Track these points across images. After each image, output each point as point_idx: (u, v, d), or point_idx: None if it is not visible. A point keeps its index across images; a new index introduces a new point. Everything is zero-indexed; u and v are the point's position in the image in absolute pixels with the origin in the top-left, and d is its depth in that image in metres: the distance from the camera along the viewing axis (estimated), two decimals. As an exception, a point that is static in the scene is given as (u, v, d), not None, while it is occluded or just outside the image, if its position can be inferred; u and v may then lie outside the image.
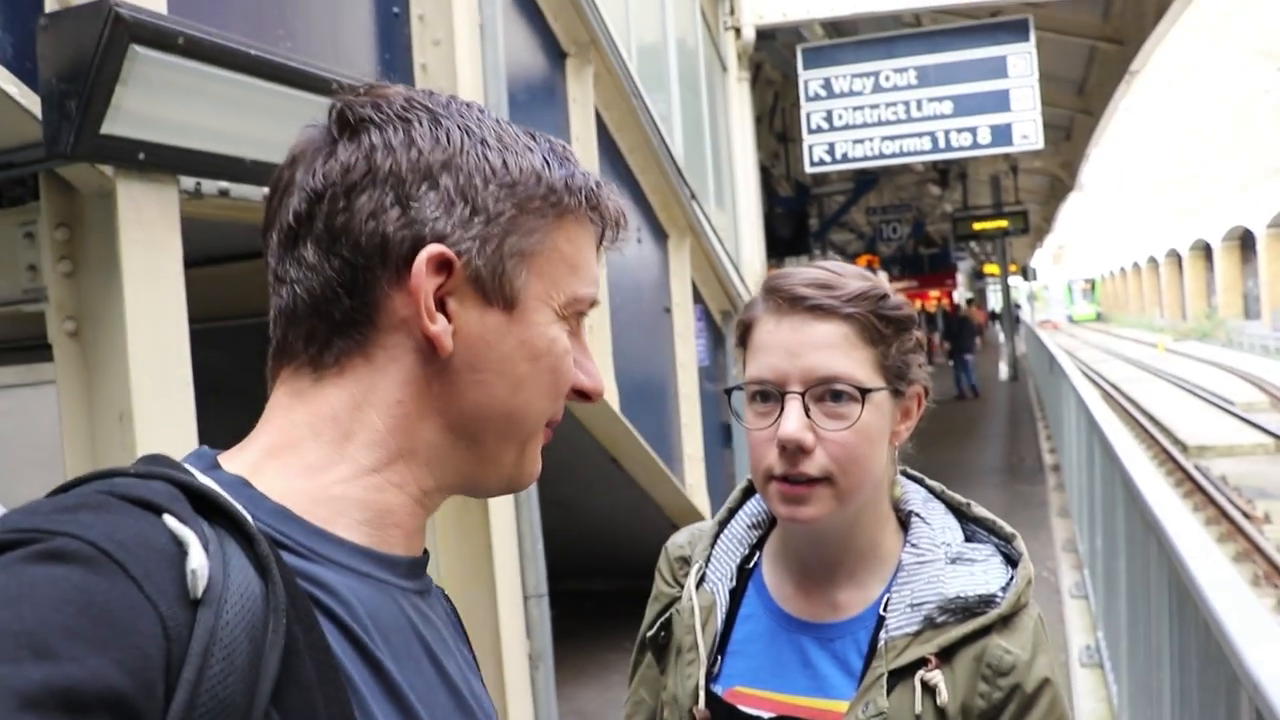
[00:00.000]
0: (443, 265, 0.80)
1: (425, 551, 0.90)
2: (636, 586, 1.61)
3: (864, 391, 1.30)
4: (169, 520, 0.65)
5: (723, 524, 1.55)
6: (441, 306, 0.81)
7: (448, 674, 0.84)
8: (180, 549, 0.64)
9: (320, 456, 0.81)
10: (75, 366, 2.25)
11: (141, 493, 0.66)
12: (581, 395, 0.91)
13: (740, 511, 1.55)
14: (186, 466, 0.74)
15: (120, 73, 2.04)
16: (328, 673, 0.69)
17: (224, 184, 2.50)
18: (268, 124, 2.54)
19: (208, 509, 0.69)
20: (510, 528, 3.98)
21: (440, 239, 0.80)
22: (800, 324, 1.32)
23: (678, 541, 1.57)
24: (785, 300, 1.34)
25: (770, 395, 1.33)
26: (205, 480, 0.72)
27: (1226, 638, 2.29)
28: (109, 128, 2.07)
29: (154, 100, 2.16)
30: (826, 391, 1.30)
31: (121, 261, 2.18)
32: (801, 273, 1.37)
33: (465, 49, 3.75)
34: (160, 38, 2.12)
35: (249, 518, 0.70)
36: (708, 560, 1.50)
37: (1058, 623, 6.72)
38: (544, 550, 4.30)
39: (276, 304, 0.84)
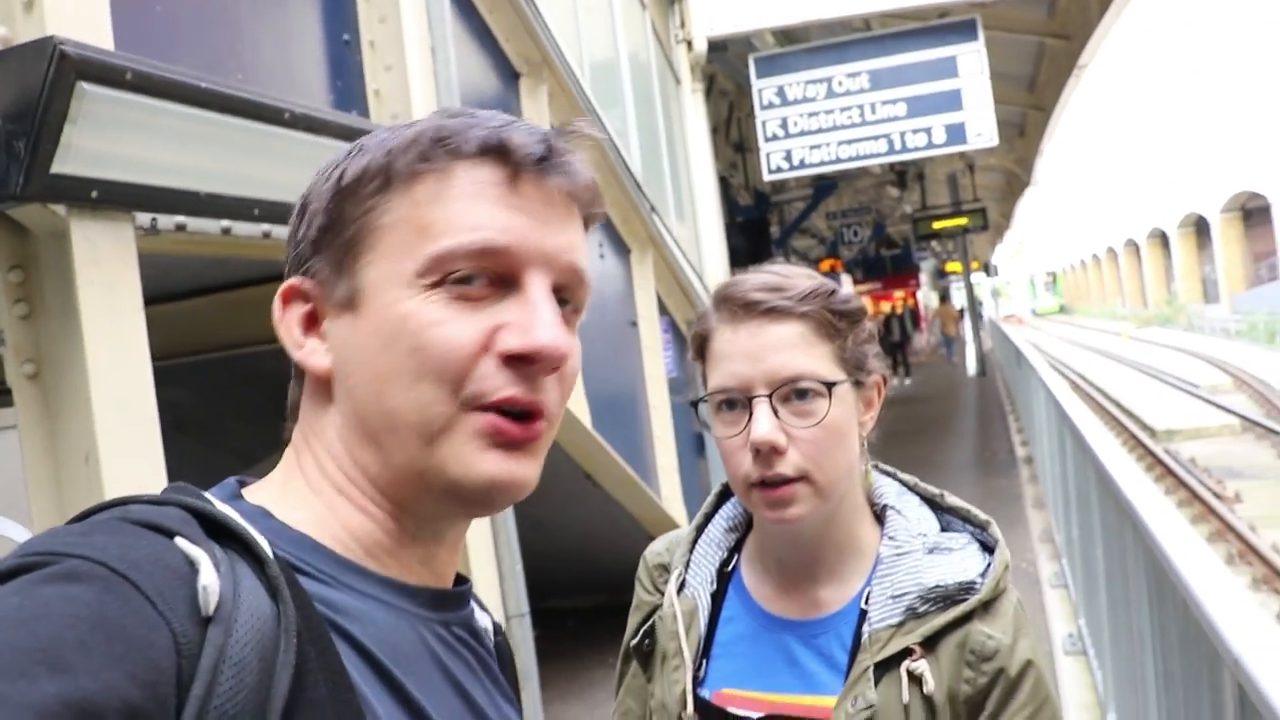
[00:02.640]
0: (299, 293, 0.85)
1: (463, 584, 0.90)
2: (617, 601, 1.61)
3: (829, 385, 1.32)
4: (180, 542, 0.67)
5: (700, 529, 1.55)
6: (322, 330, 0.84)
7: (474, 701, 0.84)
8: (192, 569, 0.65)
9: (305, 491, 0.83)
10: (37, 410, 2.22)
11: (154, 517, 0.68)
12: (519, 360, 0.79)
13: (717, 516, 1.56)
14: (205, 495, 0.76)
15: (68, 110, 2.02)
16: (342, 693, 0.69)
17: (181, 218, 2.47)
18: (222, 156, 2.53)
19: (220, 533, 0.70)
20: (489, 549, 3.97)
21: (304, 269, 0.85)
22: (757, 328, 1.34)
23: (655, 549, 1.58)
24: (739, 307, 1.36)
25: (737, 402, 1.35)
26: (222, 507, 0.73)
27: (1205, 616, 2.31)
28: (59, 167, 2.05)
29: (104, 137, 2.14)
30: (792, 391, 1.32)
31: (79, 302, 2.15)
32: (750, 279, 1.38)
33: (417, 73, 3.75)
34: (108, 74, 2.10)
35: (261, 541, 0.71)
36: (687, 565, 1.51)
37: (1038, 612, 6.76)
38: (524, 570, 4.28)
39: None
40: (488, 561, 3.93)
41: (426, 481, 0.79)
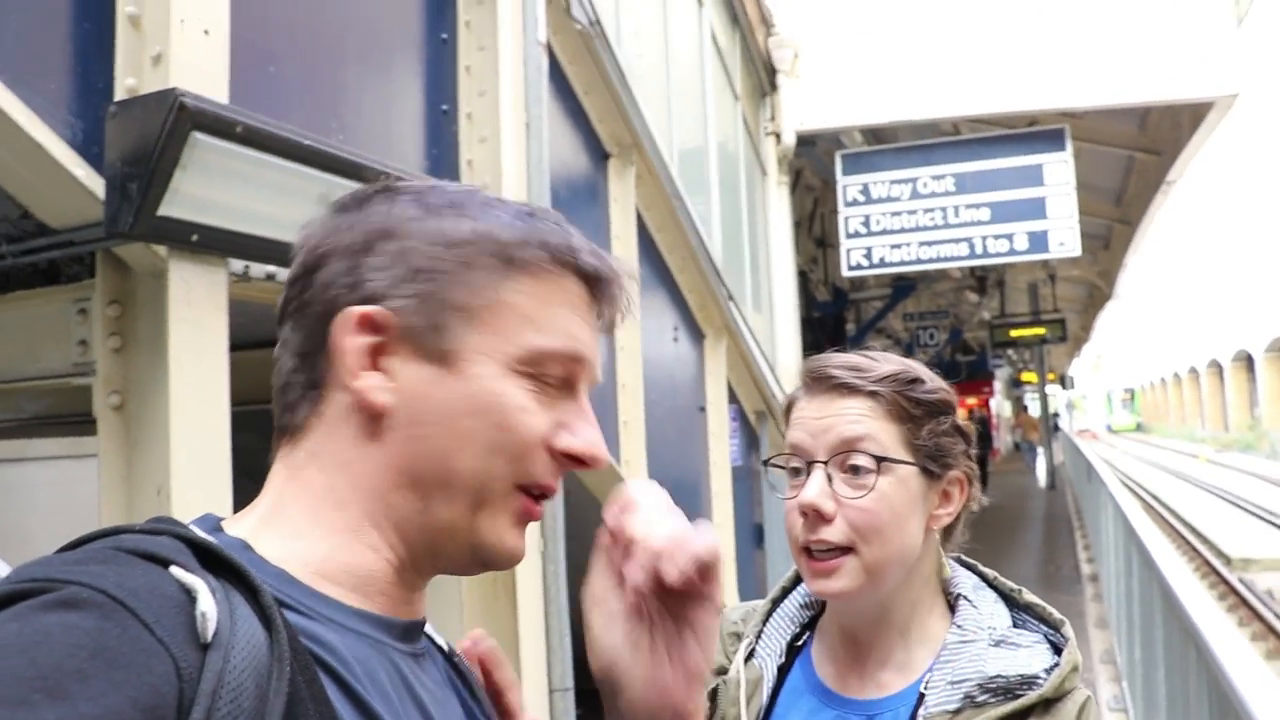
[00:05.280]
0: (373, 323, 0.84)
1: (422, 619, 0.92)
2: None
3: (879, 460, 1.34)
4: (176, 571, 0.68)
5: (775, 602, 1.57)
6: (383, 365, 0.85)
7: None
8: (189, 597, 0.66)
9: (303, 521, 0.83)
10: (117, 440, 2.30)
11: (148, 547, 0.69)
12: (573, 460, 0.88)
13: (794, 591, 1.58)
14: (190, 526, 0.77)
15: (180, 158, 2.13)
16: None
17: (271, 268, 2.57)
18: (317, 211, 2.62)
19: (212, 563, 0.71)
20: (539, 620, 3.97)
21: (375, 299, 0.84)
22: (828, 401, 1.39)
23: (731, 618, 1.60)
24: (817, 380, 1.41)
25: (800, 469, 1.39)
26: (209, 538, 0.74)
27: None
28: (166, 209, 2.15)
29: (210, 184, 2.24)
30: (849, 462, 1.35)
31: (169, 339, 2.24)
32: (838, 357, 1.44)
33: (510, 147, 3.86)
34: (220, 125, 2.21)
35: (253, 572, 0.72)
36: (758, 636, 1.53)
37: (1097, 737, 6.54)
38: (573, 647, 4.26)
39: (273, 384, 0.89)
40: (537, 631, 3.93)
41: (456, 539, 0.85)
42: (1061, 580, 12.57)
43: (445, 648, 0.97)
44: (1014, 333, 21.97)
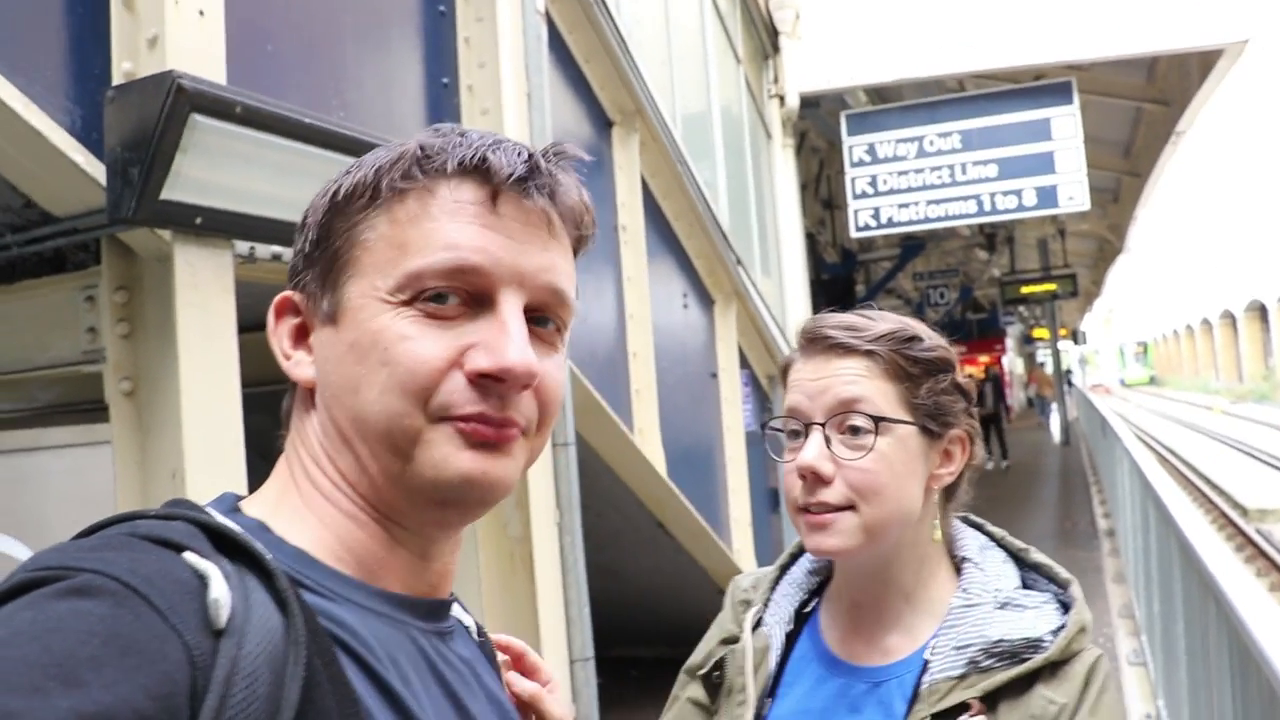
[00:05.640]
0: (291, 306, 0.87)
1: (451, 596, 0.92)
2: (682, 654, 1.61)
3: (877, 420, 1.32)
4: (189, 556, 0.67)
5: (784, 568, 1.56)
6: (311, 342, 0.87)
7: (468, 711, 0.85)
8: (202, 583, 0.66)
9: (298, 501, 0.84)
10: (130, 426, 2.30)
11: (162, 532, 0.69)
12: (488, 378, 0.80)
13: (802, 557, 1.56)
14: (207, 509, 0.77)
15: (180, 141, 2.11)
16: (347, 705, 0.70)
17: (277, 248, 2.56)
18: (320, 189, 2.60)
19: (228, 547, 0.71)
20: (557, 591, 3.98)
21: (296, 282, 0.87)
22: (824, 362, 1.37)
23: (742, 585, 1.59)
24: (813, 341, 1.40)
25: (799, 431, 1.38)
26: (225, 521, 0.74)
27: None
28: (168, 193, 2.14)
29: (212, 167, 2.22)
30: (847, 423, 1.33)
31: (177, 323, 2.23)
32: (833, 317, 1.42)
33: (513, 118, 3.83)
34: (219, 106, 2.19)
35: (267, 555, 0.72)
36: (766, 604, 1.52)
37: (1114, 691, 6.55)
38: (591, 616, 4.28)
39: None
40: (555, 603, 3.94)
41: (405, 486, 0.81)
42: (1078, 536, 12.56)
43: (473, 627, 0.97)
44: (1025, 289, 21.88)
